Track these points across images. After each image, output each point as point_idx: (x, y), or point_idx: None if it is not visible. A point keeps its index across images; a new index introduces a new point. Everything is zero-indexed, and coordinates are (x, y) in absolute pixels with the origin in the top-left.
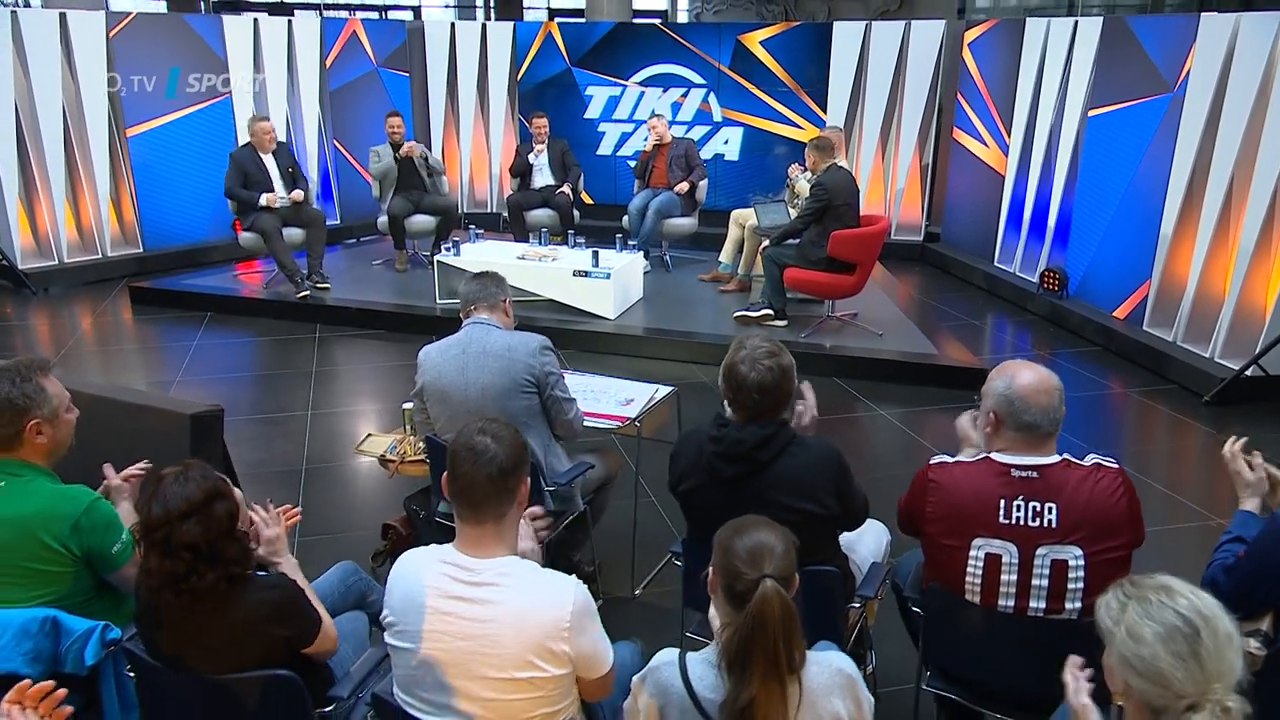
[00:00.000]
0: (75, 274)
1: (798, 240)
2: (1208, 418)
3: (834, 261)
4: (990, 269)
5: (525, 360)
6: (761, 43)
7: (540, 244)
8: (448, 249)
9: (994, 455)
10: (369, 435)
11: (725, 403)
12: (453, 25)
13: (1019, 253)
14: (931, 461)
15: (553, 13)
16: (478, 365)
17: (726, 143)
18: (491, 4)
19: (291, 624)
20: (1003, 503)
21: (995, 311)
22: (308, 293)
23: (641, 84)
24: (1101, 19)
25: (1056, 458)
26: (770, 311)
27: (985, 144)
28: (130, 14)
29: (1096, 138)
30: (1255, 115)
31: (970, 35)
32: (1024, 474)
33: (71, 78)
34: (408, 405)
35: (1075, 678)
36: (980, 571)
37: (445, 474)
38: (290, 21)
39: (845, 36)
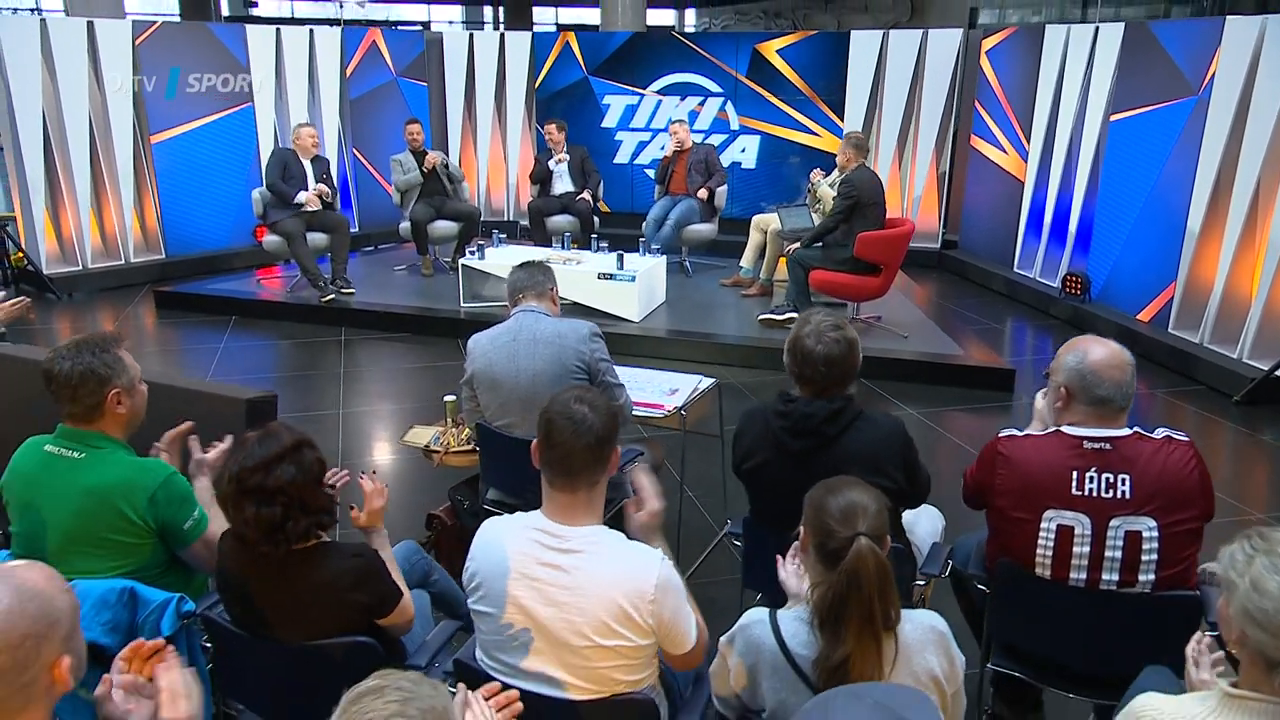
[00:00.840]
0: (98, 279)
1: (823, 242)
2: (1238, 417)
3: (859, 263)
4: (1010, 275)
5: (575, 346)
6: (778, 51)
7: (563, 248)
8: (472, 253)
9: (1064, 428)
10: (412, 427)
11: (792, 379)
12: (471, 35)
13: (1039, 258)
14: (1000, 434)
15: (560, 27)
16: (528, 352)
17: (744, 151)
18: (500, 18)
19: (372, 592)
20: (1075, 474)
21: (1017, 316)
22: (333, 296)
23: (659, 92)
24: (1123, 25)
25: (1128, 430)
26: (795, 314)
27: (1004, 151)
28: (156, 22)
29: (1119, 142)
30: None
31: (988, 43)
32: (1097, 446)
33: (98, 86)
34: (450, 398)
35: (1200, 652)
36: (1051, 544)
37: (535, 443)
38: (311, 31)
39: (862, 45)
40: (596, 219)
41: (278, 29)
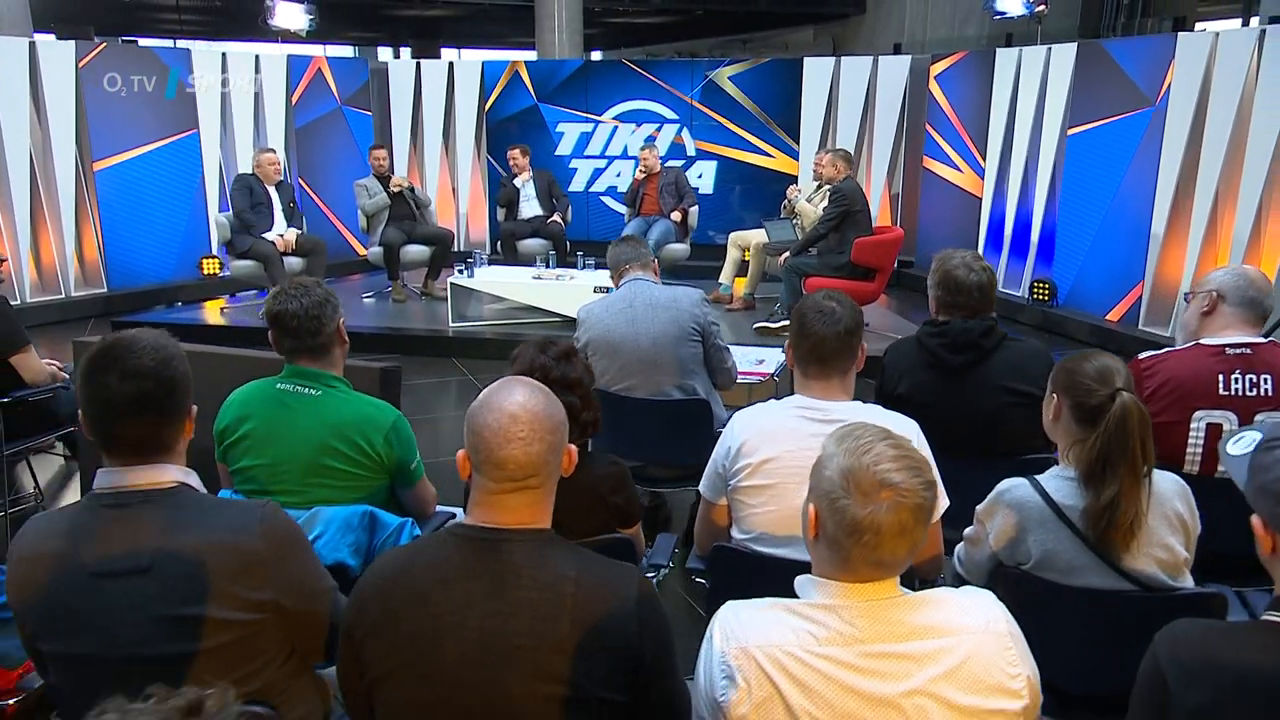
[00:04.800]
0: (36, 314)
1: (815, 251)
2: None
3: (855, 269)
4: None
5: (691, 310)
6: (730, 78)
7: (548, 267)
8: (461, 271)
9: (1203, 340)
10: None
11: (939, 308)
12: (418, 64)
13: (1001, 270)
14: (1139, 356)
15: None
16: (647, 317)
17: (700, 176)
18: (405, 50)
19: (627, 499)
20: (1221, 377)
21: None
22: None
23: (614, 119)
24: (1075, 44)
25: (1264, 339)
26: (789, 322)
27: (959, 169)
28: (100, 44)
29: (1077, 154)
30: (1240, 116)
31: (936, 68)
32: (1238, 351)
33: (38, 111)
34: None
35: None
36: (1201, 441)
37: (789, 341)
38: (257, 57)
39: (815, 71)
40: (568, 243)
41: (223, 54)
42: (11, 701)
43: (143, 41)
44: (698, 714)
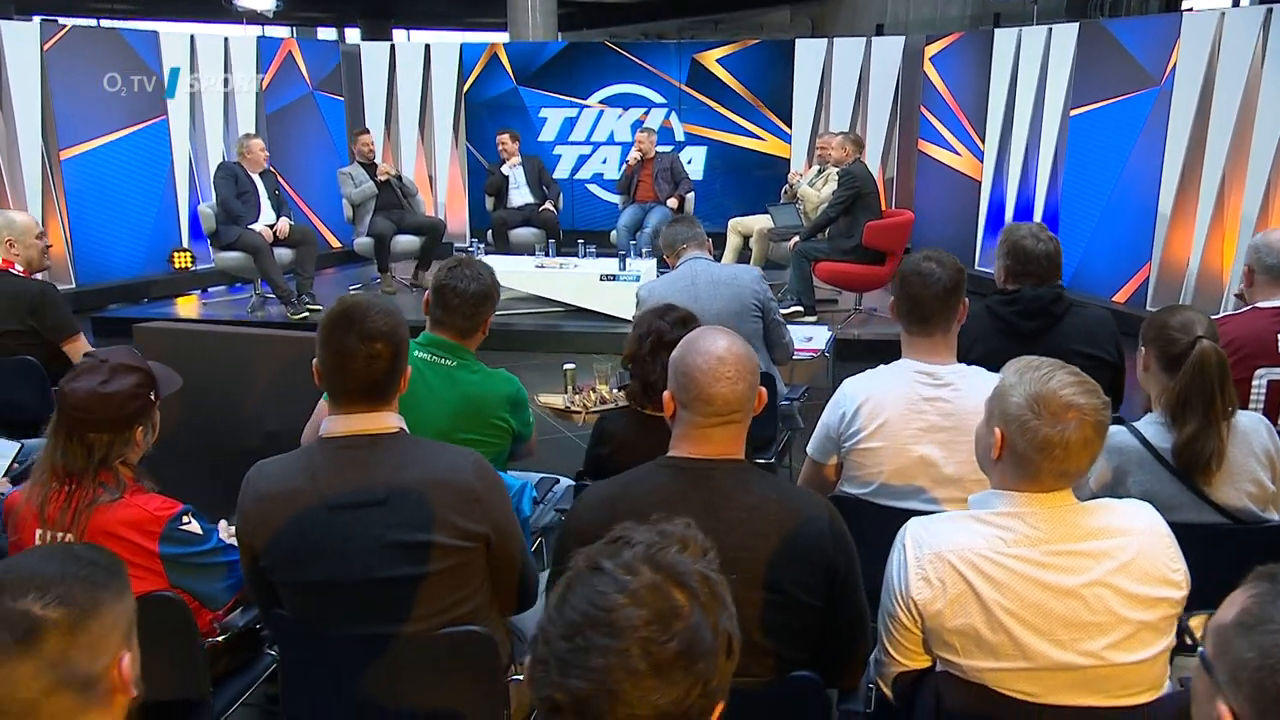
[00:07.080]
0: None
1: (825, 235)
2: None
3: (866, 252)
4: (973, 271)
5: (751, 286)
6: (718, 60)
7: (548, 255)
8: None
9: (1258, 304)
10: (539, 395)
11: (1008, 277)
12: (392, 47)
13: None
14: None
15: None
16: (709, 294)
17: (690, 162)
18: (352, 31)
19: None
20: (1279, 336)
21: None
22: (306, 315)
23: (600, 104)
24: (1077, 24)
25: None
26: (800, 308)
27: (956, 153)
28: (66, 26)
29: (1081, 136)
30: (1247, 95)
31: (931, 50)
32: None
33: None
34: (569, 366)
35: None
36: (1263, 396)
37: (893, 300)
38: (226, 40)
39: (806, 53)
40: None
41: (191, 36)
42: (220, 638)
43: (91, 22)
44: (885, 611)
